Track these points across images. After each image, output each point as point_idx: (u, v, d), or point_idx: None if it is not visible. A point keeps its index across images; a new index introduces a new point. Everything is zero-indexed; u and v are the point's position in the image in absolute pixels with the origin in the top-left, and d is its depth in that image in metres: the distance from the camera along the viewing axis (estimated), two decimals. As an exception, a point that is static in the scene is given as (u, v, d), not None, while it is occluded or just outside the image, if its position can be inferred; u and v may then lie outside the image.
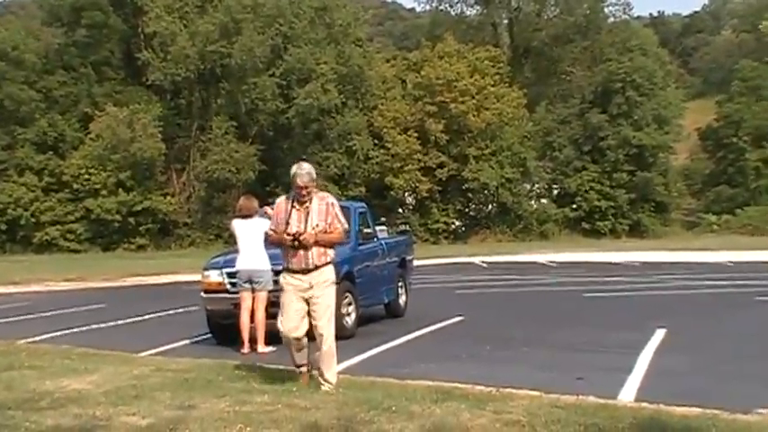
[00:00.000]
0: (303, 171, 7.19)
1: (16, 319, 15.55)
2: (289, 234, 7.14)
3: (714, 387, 7.66)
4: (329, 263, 7.34)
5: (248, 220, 10.54)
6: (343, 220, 7.37)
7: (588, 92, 52.27)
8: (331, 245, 7.35)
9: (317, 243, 7.17)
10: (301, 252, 7.18)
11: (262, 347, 10.22)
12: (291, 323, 7.28)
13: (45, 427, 5.89)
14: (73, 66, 47.72)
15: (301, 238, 7.08)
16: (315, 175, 7.26)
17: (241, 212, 10.72)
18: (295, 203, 7.26)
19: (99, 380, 7.70)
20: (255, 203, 10.83)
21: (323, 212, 7.24)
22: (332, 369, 7.33)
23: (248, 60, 43.42)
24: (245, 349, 10.19)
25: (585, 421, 5.75)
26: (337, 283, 10.92)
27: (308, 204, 7.23)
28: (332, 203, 7.32)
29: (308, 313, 7.29)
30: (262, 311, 10.34)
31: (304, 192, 7.18)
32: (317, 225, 7.16)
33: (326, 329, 7.27)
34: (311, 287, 7.23)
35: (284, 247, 7.32)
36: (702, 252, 31.06)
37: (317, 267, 7.23)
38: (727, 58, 77.71)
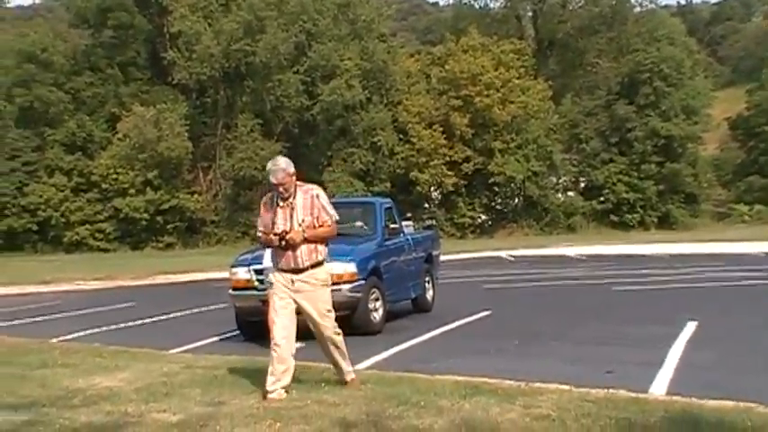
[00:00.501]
0: (277, 167, 6.74)
1: (48, 317, 15.72)
2: (275, 234, 6.74)
3: (747, 380, 7.56)
4: (321, 262, 6.93)
5: None
6: (332, 211, 6.93)
7: (614, 83, 51.89)
8: (322, 240, 6.92)
9: (306, 241, 6.76)
10: (290, 252, 6.77)
11: None
12: (283, 330, 6.85)
13: (78, 423, 5.95)
14: (100, 67, 48.20)
15: (287, 237, 6.69)
16: (292, 170, 6.78)
17: None
18: (279, 201, 6.85)
19: (130, 377, 7.77)
20: None
21: (308, 206, 6.83)
22: (344, 362, 7.16)
23: (273, 58, 43.60)
24: None
25: (616, 415, 5.70)
26: (364, 279, 11.08)
27: (291, 200, 6.81)
28: (316, 195, 6.89)
29: (307, 317, 6.99)
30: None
31: (281, 189, 6.75)
32: (303, 220, 6.75)
33: (327, 329, 6.99)
34: (302, 290, 6.85)
35: (273, 248, 6.94)
36: (734, 243, 30.73)
37: (307, 268, 6.83)
38: (758, 46, 76.79)
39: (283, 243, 6.71)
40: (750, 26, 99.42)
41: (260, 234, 6.98)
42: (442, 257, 15.84)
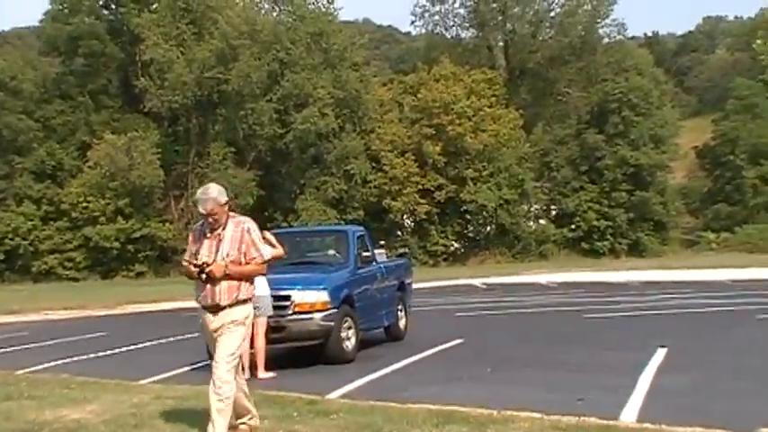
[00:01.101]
0: (206, 196, 6.19)
1: (15, 348, 15.49)
2: (196, 265, 6.19)
3: (717, 405, 7.62)
4: (244, 300, 6.30)
5: None
6: (262, 248, 6.35)
7: (584, 112, 52.41)
8: (247, 278, 6.31)
9: (228, 277, 6.17)
10: (209, 286, 6.19)
11: (262, 373, 10.21)
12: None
13: (44, 457, 5.87)
14: (71, 95, 47.95)
15: (207, 269, 6.12)
16: (224, 199, 6.24)
17: None
18: (207, 231, 6.31)
19: (98, 409, 7.66)
20: None
21: (236, 240, 6.24)
22: (220, 422, 6.18)
23: (245, 86, 43.65)
24: (246, 375, 10.13)
25: (587, 442, 5.72)
26: (336, 308, 11.05)
27: (220, 231, 6.25)
28: (248, 229, 6.29)
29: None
30: (261, 337, 10.31)
31: (210, 219, 6.20)
32: (228, 254, 6.17)
33: (223, 376, 6.18)
34: (218, 329, 6.25)
35: (196, 281, 6.32)
36: (702, 270, 31.00)
37: (225, 307, 6.22)
38: (722, 77, 78.08)
39: (203, 276, 6.16)
40: (714, 58, 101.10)
41: (184, 263, 6.45)
42: (415, 285, 15.85)
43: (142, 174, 42.85)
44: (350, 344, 11.33)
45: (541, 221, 51.61)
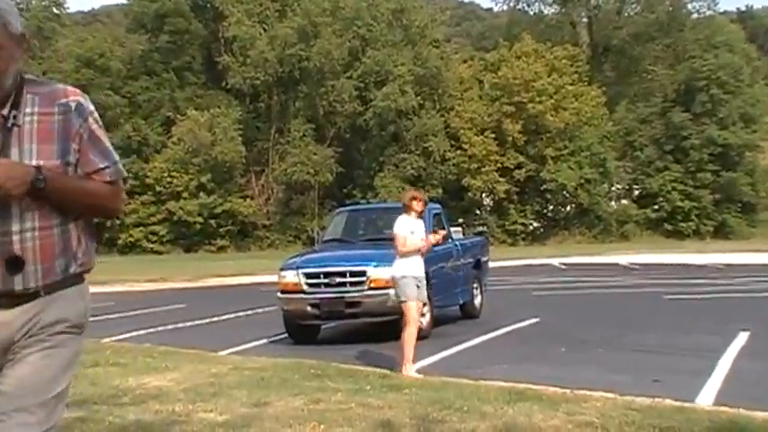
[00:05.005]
0: None
1: (101, 318, 15.99)
2: None
3: (798, 392, 7.41)
4: (81, 275, 2.58)
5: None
6: (113, 153, 2.74)
7: (670, 90, 51.19)
8: (92, 207, 2.61)
9: (38, 203, 2.44)
10: None
11: (410, 367, 8.39)
12: None
13: (127, 421, 6.07)
14: (156, 71, 49.03)
15: None
16: (18, 25, 2.47)
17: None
18: None
19: (179, 377, 7.90)
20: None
21: (53, 132, 2.51)
22: None
23: (326, 63, 43.96)
24: (410, 366, 8.44)
25: (660, 424, 5.64)
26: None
27: (9, 113, 2.47)
28: (76, 107, 2.60)
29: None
30: (414, 325, 8.72)
31: None
32: (44, 162, 2.46)
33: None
34: (23, 338, 2.45)
35: None
36: (791, 254, 30.05)
37: (39, 291, 2.45)
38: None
39: None
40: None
41: None
42: (493, 264, 15.79)
43: (224, 150, 43.63)
44: (424, 320, 11.32)
45: (623, 201, 50.76)
